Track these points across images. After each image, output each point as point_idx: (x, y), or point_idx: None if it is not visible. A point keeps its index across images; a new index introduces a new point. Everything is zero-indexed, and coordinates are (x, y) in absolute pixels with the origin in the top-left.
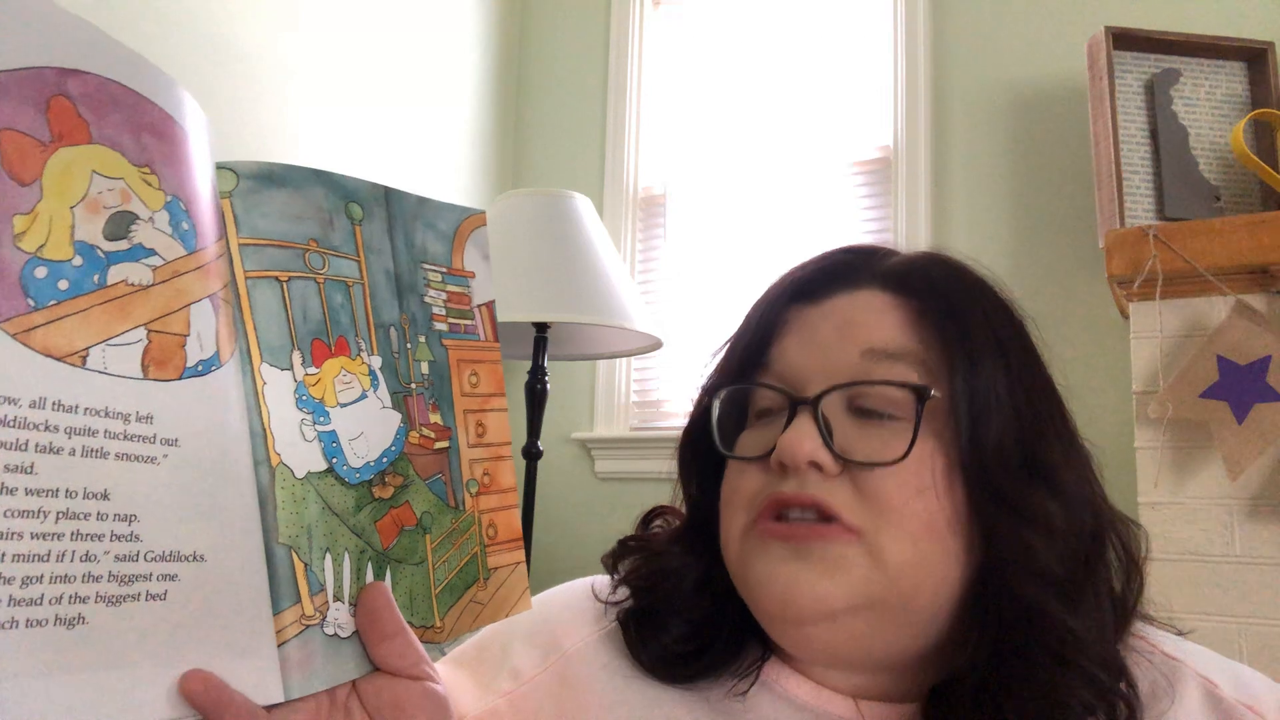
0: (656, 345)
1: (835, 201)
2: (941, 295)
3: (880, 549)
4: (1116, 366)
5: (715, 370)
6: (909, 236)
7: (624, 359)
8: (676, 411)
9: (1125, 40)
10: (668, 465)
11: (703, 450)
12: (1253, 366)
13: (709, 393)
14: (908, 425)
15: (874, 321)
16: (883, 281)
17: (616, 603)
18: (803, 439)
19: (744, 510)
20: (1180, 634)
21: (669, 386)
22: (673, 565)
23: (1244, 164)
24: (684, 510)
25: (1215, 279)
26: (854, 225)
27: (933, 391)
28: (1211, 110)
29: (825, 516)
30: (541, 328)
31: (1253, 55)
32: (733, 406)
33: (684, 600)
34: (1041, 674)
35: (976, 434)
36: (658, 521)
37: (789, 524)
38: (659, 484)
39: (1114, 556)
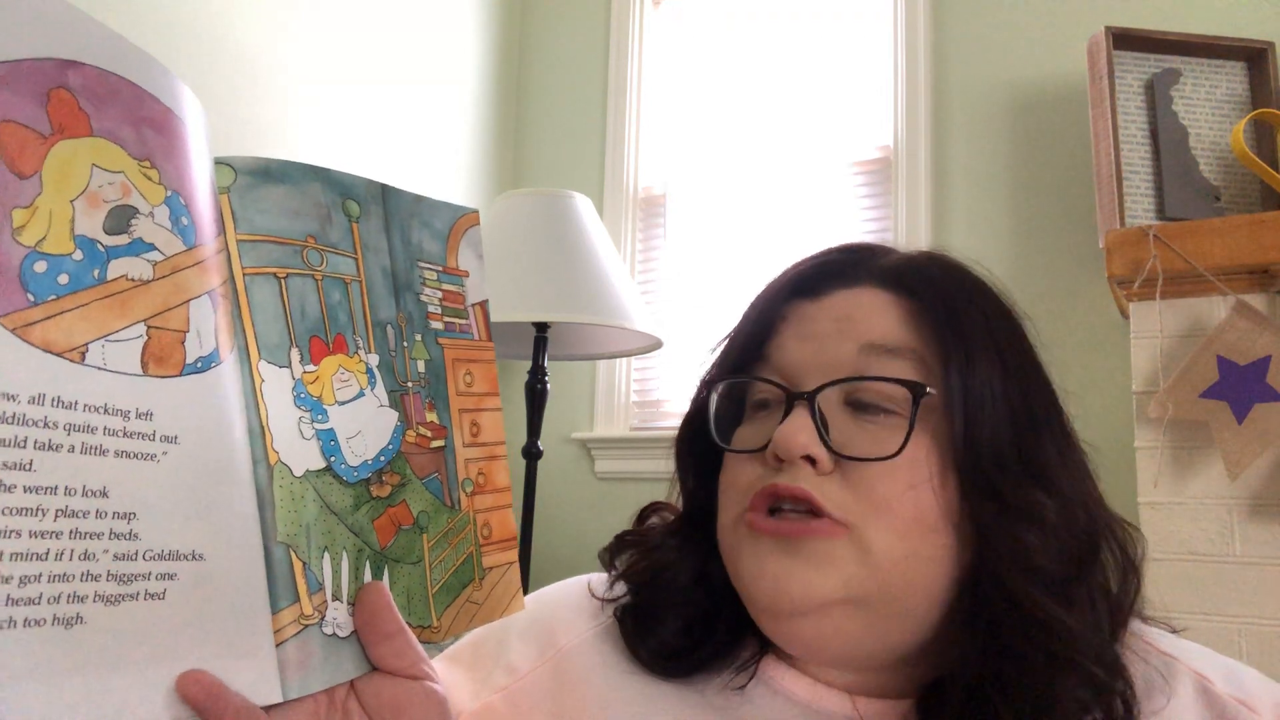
0: (656, 345)
1: (835, 201)
2: (940, 294)
3: (868, 543)
4: (1116, 366)
5: (714, 364)
6: (909, 236)
7: (624, 359)
8: (676, 411)
9: (1125, 40)
10: (667, 465)
11: (700, 443)
12: (1253, 366)
13: (707, 385)
14: (903, 421)
15: (872, 317)
16: (881, 279)
17: (613, 599)
18: (798, 432)
19: (738, 501)
20: (1174, 631)
21: (669, 386)
22: (669, 559)
23: (1244, 164)
24: (680, 505)
25: (1215, 279)
26: (854, 225)
27: (929, 389)
28: (1211, 110)
29: (814, 511)
30: (541, 328)
31: (1253, 55)
32: (730, 400)
33: (680, 594)
34: (1035, 671)
35: (971, 431)
36: (654, 518)
37: (778, 519)
38: (659, 484)
39: (1110, 558)
